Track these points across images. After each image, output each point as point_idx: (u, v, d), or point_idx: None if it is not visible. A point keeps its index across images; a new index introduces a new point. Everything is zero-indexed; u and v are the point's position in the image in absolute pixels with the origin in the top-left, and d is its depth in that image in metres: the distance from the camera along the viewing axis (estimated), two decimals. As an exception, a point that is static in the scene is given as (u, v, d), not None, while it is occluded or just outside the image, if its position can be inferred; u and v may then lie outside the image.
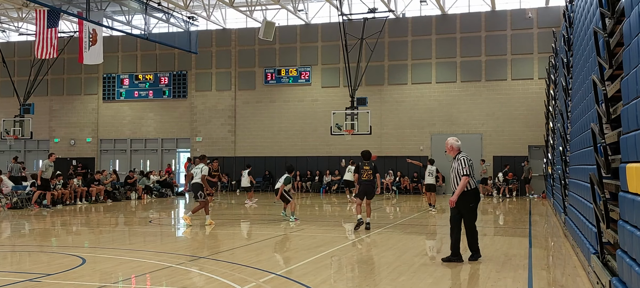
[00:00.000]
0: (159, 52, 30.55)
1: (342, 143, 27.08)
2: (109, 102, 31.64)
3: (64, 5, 21.28)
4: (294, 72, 29.68)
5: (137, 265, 8.91)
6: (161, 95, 31.17)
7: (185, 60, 30.31)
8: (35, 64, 27.22)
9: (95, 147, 31.66)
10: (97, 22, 22.28)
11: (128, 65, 31.56)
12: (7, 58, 29.34)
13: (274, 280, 7.32)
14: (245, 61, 30.40)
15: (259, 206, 20.34)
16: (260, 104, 30.11)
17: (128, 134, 31.50)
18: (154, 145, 31.27)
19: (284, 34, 29.19)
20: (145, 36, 24.14)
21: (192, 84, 30.96)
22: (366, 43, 25.51)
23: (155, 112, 31.33)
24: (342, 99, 27.08)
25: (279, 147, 29.42)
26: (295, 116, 29.48)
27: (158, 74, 31.16)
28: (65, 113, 31.83)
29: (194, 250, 10.74)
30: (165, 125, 31.25)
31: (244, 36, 30.28)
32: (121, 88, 31.50)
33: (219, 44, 30.63)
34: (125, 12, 23.77)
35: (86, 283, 7.62)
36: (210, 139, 30.47)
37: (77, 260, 8.95)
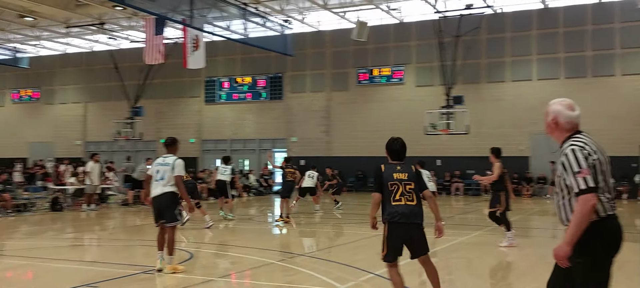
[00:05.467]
0: (256, 55, 31.53)
1: (437, 143, 26.67)
2: (211, 104, 33.08)
3: (169, 13, 22.41)
4: (387, 71, 29.61)
5: (240, 260, 9.33)
6: (259, 97, 32.17)
7: (281, 62, 31.08)
8: (144, 70, 29.02)
9: (198, 147, 33.22)
10: (199, 28, 23.36)
11: (228, 68, 32.84)
12: (119, 64, 31.50)
13: (373, 280, 7.42)
14: (339, 62, 30.70)
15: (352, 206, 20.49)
16: (354, 105, 30.29)
17: (228, 134, 32.78)
18: (252, 145, 32.32)
19: (377, 34, 29.18)
20: (244, 40, 25.07)
21: (288, 85, 31.70)
22: (462, 40, 24.97)
23: (253, 113, 32.38)
24: (436, 98, 26.67)
25: (372, 147, 29.37)
26: (388, 116, 29.39)
27: (255, 76, 32.18)
28: (171, 115, 33.65)
29: (293, 247, 11.05)
30: (263, 126, 32.21)
31: (338, 37, 30.59)
32: (222, 91, 32.84)
33: (313, 46, 31.15)
34: (225, 18, 24.71)
35: (193, 277, 8.09)
36: (305, 139, 31.06)
37: (185, 255, 9.50)
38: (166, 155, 8.02)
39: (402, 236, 5.62)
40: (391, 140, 6.00)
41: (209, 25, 24.47)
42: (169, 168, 7.77)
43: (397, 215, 5.53)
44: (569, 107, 3.71)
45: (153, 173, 7.95)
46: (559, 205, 3.60)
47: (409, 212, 5.56)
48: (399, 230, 5.59)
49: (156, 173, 7.86)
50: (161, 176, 7.79)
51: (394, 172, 5.68)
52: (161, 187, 7.76)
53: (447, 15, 25.03)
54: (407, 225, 5.57)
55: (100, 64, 34.62)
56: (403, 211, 5.54)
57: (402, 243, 5.68)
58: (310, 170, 18.08)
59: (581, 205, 3.37)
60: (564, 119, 3.67)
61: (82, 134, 35.40)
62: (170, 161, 7.84)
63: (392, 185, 5.62)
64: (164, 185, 7.75)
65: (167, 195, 7.74)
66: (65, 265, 9.31)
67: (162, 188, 7.76)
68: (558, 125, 3.69)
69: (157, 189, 7.81)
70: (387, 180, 5.64)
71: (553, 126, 3.72)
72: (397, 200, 5.55)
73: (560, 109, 3.71)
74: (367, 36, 25.91)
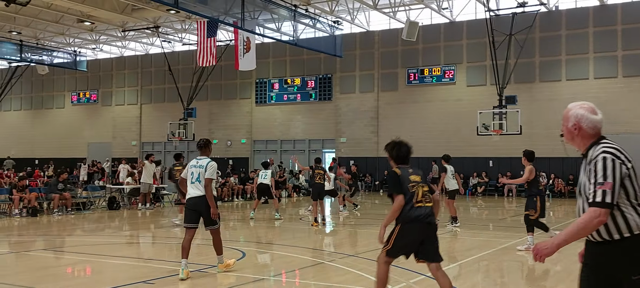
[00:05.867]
0: (306, 56, 31.75)
1: (489, 143, 26.19)
2: (261, 105, 33.52)
3: (221, 16, 22.83)
4: (437, 71, 29.28)
5: (291, 260, 9.43)
6: (308, 98, 32.38)
7: (331, 63, 31.18)
8: (197, 72, 29.67)
9: (249, 147, 33.72)
10: (250, 30, 23.71)
11: (278, 70, 33.20)
12: (172, 66, 32.30)
13: (424, 282, 7.38)
14: (388, 62, 30.57)
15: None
16: (403, 105, 30.09)
17: (278, 135, 33.13)
18: (301, 145, 32.56)
19: (428, 33, 28.90)
20: (294, 42, 25.29)
21: (337, 86, 31.78)
22: (515, 39, 24.43)
23: (302, 114, 32.61)
24: (488, 98, 26.19)
25: (422, 148, 29.12)
26: (438, 116, 29.07)
27: (305, 77, 32.40)
28: (223, 116, 34.28)
29: (342, 247, 11.09)
30: (312, 127, 32.39)
31: (387, 38, 30.46)
32: (272, 92, 33.23)
33: (362, 46, 31.12)
34: (276, 20, 24.99)
35: (246, 275, 8.24)
36: (353, 139, 31.06)
37: (238, 254, 9.68)
38: (200, 157, 7.90)
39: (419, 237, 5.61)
40: (397, 147, 5.93)
41: (259, 27, 24.81)
42: (203, 170, 7.67)
43: (422, 215, 5.57)
44: (592, 110, 3.36)
45: (187, 175, 7.82)
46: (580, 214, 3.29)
47: (429, 212, 5.64)
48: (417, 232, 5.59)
49: (190, 175, 7.75)
50: (196, 178, 7.68)
51: (410, 175, 5.68)
52: (197, 189, 7.66)
53: (500, 13, 24.55)
54: (426, 224, 5.61)
55: (155, 67, 35.63)
56: (426, 213, 5.61)
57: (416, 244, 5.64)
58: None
59: (590, 217, 3.08)
60: (587, 124, 3.32)
61: (137, 135, 36.50)
62: (204, 163, 7.73)
63: (412, 187, 5.60)
64: (201, 187, 7.65)
65: (205, 198, 7.63)
66: (122, 261, 9.64)
67: (198, 190, 7.65)
68: (580, 131, 3.33)
69: (194, 191, 7.70)
70: (407, 183, 5.60)
71: (574, 132, 3.36)
72: (420, 202, 5.59)
73: (583, 112, 3.34)
74: (417, 36, 25.70)
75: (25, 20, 28.26)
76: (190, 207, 7.73)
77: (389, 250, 5.60)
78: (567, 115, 3.40)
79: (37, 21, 28.48)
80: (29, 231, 13.86)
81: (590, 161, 3.22)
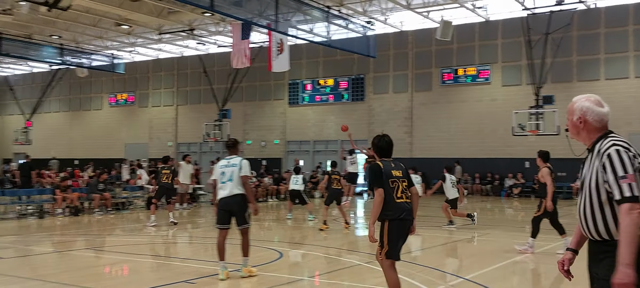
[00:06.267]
0: (339, 57, 31.77)
1: (524, 144, 25.76)
2: (294, 106, 33.68)
3: (255, 18, 23.05)
4: (472, 71, 28.96)
5: (327, 261, 9.48)
6: (341, 98, 32.40)
7: (364, 64, 31.13)
8: (231, 73, 29.99)
9: (283, 148, 33.92)
10: (283, 32, 23.87)
11: (311, 71, 33.31)
12: (207, 68, 32.76)
13: (463, 285, 7.34)
14: (422, 62, 30.37)
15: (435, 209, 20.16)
16: (437, 105, 29.86)
17: (311, 135, 33.24)
18: (334, 146, 32.58)
19: (462, 33, 28.60)
20: (327, 43, 25.36)
21: (370, 87, 31.72)
22: (552, 38, 24.01)
23: (335, 115, 32.64)
24: (524, 98, 25.79)
25: (456, 149, 28.91)
26: (472, 116, 28.75)
27: (338, 78, 32.43)
28: (257, 117, 34.57)
29: (378, 249, 11.09)
30: (345, 127, 32.38)
31: (421, 37, 30.27)
32: (305, 93, 33.35)
33: (395, 46, 31.00)
34: (309, 21, 25.10)
35: (282, 275, 8.33)
36: (387, 140, 30.91)
37: (275, 254, 9.78)
38: (230, 157, 7.84)
39: (403, 234, 5.59)
40: (379, 138, 5.85)
41: (293, 28, 24.96)
42: (236, 169, 7.60)
43: (403, 212, 5.50)
44: (597, 102, 3.23)
45: (217, 176, 7.74)
46: (585, 214, 3.10)
47: (409, 208, 5.57)
48: (403, 228, 5.54)
49: (221, 175, 7.68)
50: (229, 177, 7.61)
51: (392, 169, 5.58)
52: (230, 188, 7.58)
53: (536, 12, 24.15)
54: (409, 221, 5.57)
55: (190, 69, 36.15)
56: (407, 208, 5.54)
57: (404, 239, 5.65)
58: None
59: (627, 216, 2.86)
60: (592, 117, 3.19)
61: (174, 136, 37.08)
62: (237, 162, 7.68)
63: (392, 182, 5.51)
64: (233, 186, 7.57)
65: (238, 197, 7.56)
66: (161, 261, 9.84)
67: (231, 189, 7.57)
68: (586, 125, 3.19)
69: (226, 190, 7.60)
70: (388, 177, 5.51)
71: (580, 126, 3.21)
72: (400, 198, 5.51)
73: (589, 105, 3.21)
74: (451, 35, 25.48)
75: (65, 24, 28.98)
76: (222, 207, 7.69)
77: (388, 252, 5.53)
78: (571, 109, 3.28)
79: (76, 25, 29.18)
80: (71, 230, 14.25)
81: (599, 155, 3.06)
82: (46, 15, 24.34)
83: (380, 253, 5.58)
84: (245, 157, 8.27)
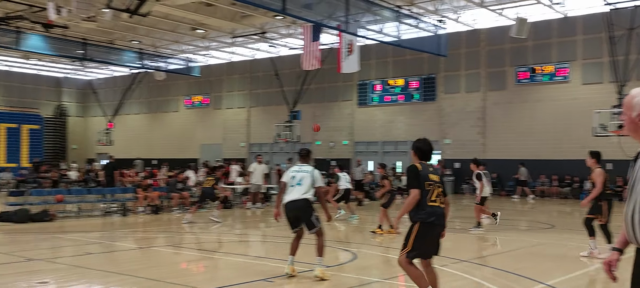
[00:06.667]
0: (409, 57, 31.50)
1: (606, 145, 24.55)
2: (363, 107, 33.68)
3: (325, 20, 23.24)
4: (550, 69, 27.96)
5: (402, 263, 9.44)
6: (411, 98, 32.11)
7: (434, 63, 30.72)
8: (301, 75, 30.37)
9: (351, 149, 33.99)
10: (353, 33, 23.92)
11: (380, 71, 33.20)
12: (278, 71, 33.33)
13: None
14: (496, 61, 29.62)
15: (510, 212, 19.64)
16: (511, 105, 29.03)
17: (380, 136, 33.12)
18: (404, 147, 32.32)
19: (538, 30, 27.65)
20: (397, 43, 25.21)
21: (441, 86, 31.25)
22: (636, 33, 22.84)
23: (405, 115, 32.39)
24: (606, 97, 24.63)
25: (531, 150, 28.00)
26: (549, 116, 27.75)
27: (408, 78, 32.15)
28: (326, 118, 34.79)
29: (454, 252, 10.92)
30: (415, 128, 32.06)
31: (494, 35, 29.53)
32: (374, 93, 33.28)
33: (468, 45, 30.39)
34: (379, 21, 25.04)
35: (358, 277, 8.37)
36: (458, 141, 30.40)
37: (349, 255, 9.84)
38: (301, 165, 8.08)
39: (433, 238, 5.66)
40: (421, 141, 5.95)
41: (362, 29, 24.98)
42: (307, 176, 7.81)
43: (434, 216, 5.56)
44: None
45: (288, 179, 7.92)
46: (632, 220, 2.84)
47: (441, 213, 5.64)
48: (433, 232, 5.62)
49: (291, 179, 7.88)
50: (298, 182, 7.81)
51: (429, 173, 5.67)
52: (297, 193, 7.76)
53: (619, 6, 23.04)
54: (440, 227, 5.65)
55: (262, 71, 36.87)
56: (440, 212, 5.61)
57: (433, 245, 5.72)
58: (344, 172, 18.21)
59: None
60: None
61: (246, 136, 37.95)
62: (309, 169, 7.92)
63: (428, 185, 5.61)
64: (301, 191, 7.75)
65: (304, 201, 7.74)
66: (238, 259, 10.10)
67: (298, 193, 7.75)
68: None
69: (294, 194, 7.77)
70: (425, 180, 5.61)
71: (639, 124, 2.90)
72: (433, 201, 5.58)
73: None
74: (527, 33, 24.72)
75: (145, 30, 30.25)
76: (288, 211, 7.86)
77: (409, 253, 5.63)
78: (630, 103, 2.95)
79: (155, 30, 30.40)
80: (152, 228, 14.88)
81: None
82: (127, 21, 25.49)
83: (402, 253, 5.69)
84: (315, 157, 8.41)
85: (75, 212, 16.97)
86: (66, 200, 16.79)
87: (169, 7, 24.41)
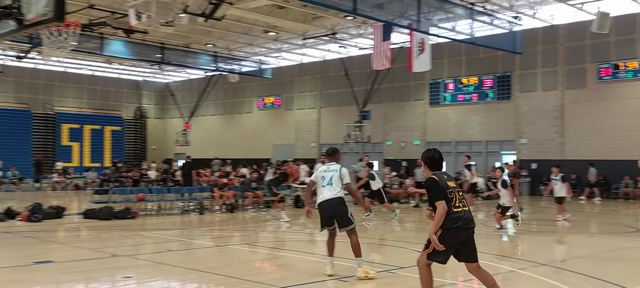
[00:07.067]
0: (482, 55, 30.77)
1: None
2: (435, 106, 33.18)
3: (396, 19, 23.09)
4: (634, 65, 26.53)
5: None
6: (485, 97, 31.33)
7: (509, 61, 29.85)
8: (372, 75, 30.29)
9: (423, 149, 33.46)
10: (425, 31, 23.65)
11: (453, 70, 32.60)
12: (349, 71, 33.40)
13: None
14: (575, 58, 28.42)
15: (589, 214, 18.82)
16: (591, 103, 27.76)
17: (453, 136, 32.52)
18: (478, 147, 31.61)
19: (621, 25, 26.28)
20: (470, 41, 24.69)
21: (516, 85, 30.32)
22: None
23: (479, 114, 31.65)
24: (698, 94, 23.14)
25: (613, 150, 26.63)
26: (633, 115, 26.33)
27: (482, 76, 31.41)
28: (397, 118, 34.55)
29: (531, 255, 10.62)
30: (489, 128, 31.29)
31: (573, 31, 28.34)
32: (446, 92, 32.72)
33: (544, 41, 29.33)
34: (451, 19, 24.63)
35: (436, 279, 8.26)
36: (535, 140, 29.40)
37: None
38: (330, 164, 8.21)
39: (459, 242, 5.69)
40: (431, 151, 6.00)
41: (434, 27, 24.64)
42: (336, 174, 7.95)
43: (461, 221, 5.63)
44: None
45: (317, 179, 8.10)
46: None
47: (469, 217, 5.72)
48: (460, 236, 5.67)
49: (322, 179, 8.03)
50: (328, 181, 7.95)
51: (447, 181, 5.76)
52: (329, 192, 7.91)
53: None
54: (468, 230, 5.71)
55: (332, 72, 37.07)
56: (467, 216, 5.69)
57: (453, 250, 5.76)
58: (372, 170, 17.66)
59: None
60: None
61: (316, 137, 38.28)
62: (337, 168, 8.05)
63: (450, 193, 5.68)
64: (333, 190, 7.89)
65: (337, 200, 7.87)
66: (312, 257, 10.22)
67: (330, 193, 7.89)
68: None
69: (326, 194, 7.93)
70: (446, 189, 5.67)
71: None
72: (458, 207, 5.66)
73: None
74: (609, 28, 23.59)
75: (220, 34, 31.11)
76: (322, 210, 8.01)
77: (430, 254, 5.73)
78: None
79: (229, 34, 31.21)
80: (228, 226, 15.32)
81: None
82: (203, 25, 26.34)
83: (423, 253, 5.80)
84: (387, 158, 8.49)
85: (155, 210, 17.70)
86: (147, 199, 17.55)
87: (242, 10, 25.00)
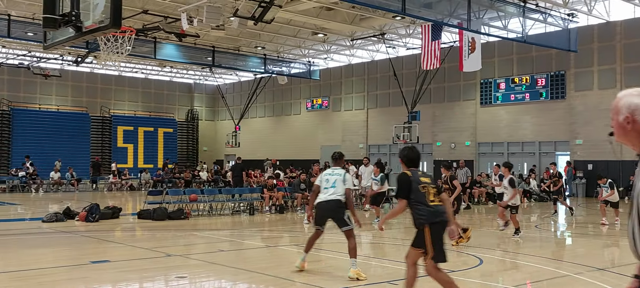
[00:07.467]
0: (535, 53, 30.04)
1: None
2: (486, 106, 32.58)
3: (446, 19, 22.82)
4: (698, 62, 25.37)
5: (533, 270, 9.07)
6: (538, 97, 30.54)
7: (563, 59, 29.02)
8: (420, 75, 30.00)
9: (474, 150, 33.01)
10: (475, 30, 23.27)
11: (504, 69, 31.93)
12: (397, 71, 33.18)
13: None
14: (634, 55, 27.36)
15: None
16: (653, 101, 26.65)
17: (504, 137, 31.85)
18: (531, 148, 30.87)
19: (684, 19, 25.23)
20: (522, 39, 24.14)
21: (571, 84, 29.44)
22: None
23: (531, 114, 30.89)
24: None
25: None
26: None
27: (534, 75, 30.64)
28: (446, 118, 34.11)
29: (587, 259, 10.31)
30: (542, 128, 30.50)
31: (632, 27, 27.31)
32: (497, 92, 32.07)
33: (601, 39, 28.36)
34: (502, 18, 24.16)
35: (483, 282, 8.15)
36: (590, 141, 28.46)
37: (476, 260, 9.62)
38: (334, 168, 8.55)
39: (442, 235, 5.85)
40: (408, 150, 6.22)
41: (485, 26, 24.23)
42: (340, 178, 8.19)
43: (439, 215, 5.78)
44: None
45: (322, 182, 8.31)
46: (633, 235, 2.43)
47: (443, 211, 5.84)
48: (442, 230, 5.83)
49: (326, 182, 8.27)
50: (332, 184, 8.19)
51: (420, 177, 5.95)
52: (329, 194, 8.14)
53: None
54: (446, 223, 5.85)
55: (379, 73, 36.94)
56: (442, 210, 5.83)
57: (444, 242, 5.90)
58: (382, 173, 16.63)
59: None
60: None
61: (364, 138, 38.21)
62: (341, 172, 8.32)
63: (423, 187, 5.82)
64: (333, 192, 8.12)
65: (335, 201, 8.10)
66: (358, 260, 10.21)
67: (330, 195, 8.13)
68: (635, 125, 2.49)
69: (326, 195, 8.18)
70: (418, 184, 5.83)
71: (627, 127, 2.52)
72: (432, 201, 5.80)
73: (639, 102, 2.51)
74: (670, 23, 22.63)
75: (269, 36, 31.51)
76: (319, 209, 8.30)
77: (434, 257, 5.75)
78: (617, 106, 2.59)
79: (278, 36, 31.56)
80: (277, 226, 15.47)
81: None
82: (252, 28, 26.73)
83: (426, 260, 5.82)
84: (435, 159, 8.47)
85: (206, 210, 18.06)
86: (199, 200, 17.93)
87: (291, 13, 25.22)
